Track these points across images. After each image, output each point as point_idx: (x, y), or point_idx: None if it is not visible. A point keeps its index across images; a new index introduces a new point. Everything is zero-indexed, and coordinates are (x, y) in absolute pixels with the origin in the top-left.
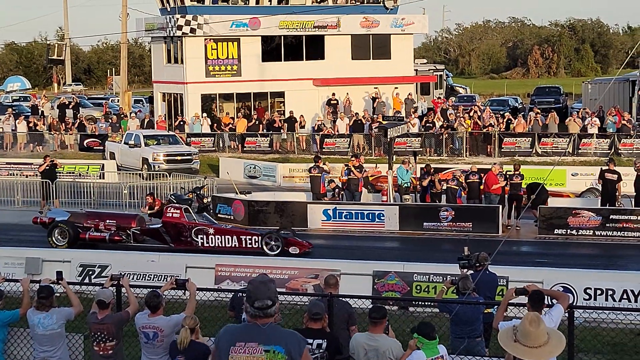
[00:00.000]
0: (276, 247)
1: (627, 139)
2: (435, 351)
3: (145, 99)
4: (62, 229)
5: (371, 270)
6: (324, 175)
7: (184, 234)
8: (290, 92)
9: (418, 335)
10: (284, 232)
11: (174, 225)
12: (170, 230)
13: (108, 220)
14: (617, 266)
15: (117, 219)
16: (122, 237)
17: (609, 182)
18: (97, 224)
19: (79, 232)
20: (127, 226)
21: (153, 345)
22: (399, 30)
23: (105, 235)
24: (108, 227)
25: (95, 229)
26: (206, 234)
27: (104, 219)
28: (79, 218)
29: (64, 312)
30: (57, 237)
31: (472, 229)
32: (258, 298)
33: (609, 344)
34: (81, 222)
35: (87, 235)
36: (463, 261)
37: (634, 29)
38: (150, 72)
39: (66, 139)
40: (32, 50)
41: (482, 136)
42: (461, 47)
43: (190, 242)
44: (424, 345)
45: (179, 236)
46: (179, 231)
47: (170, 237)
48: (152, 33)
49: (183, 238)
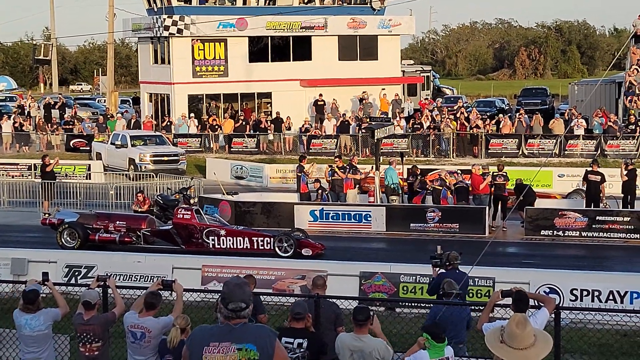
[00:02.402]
0: (289, 248)
1: (613, 140)
2: (441, 353)
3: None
4: (72, 231)
5: (358, 271)
6: (303, 175)
7: (195, 236)
8: (277, 93)
9: (427, 335)
10: (297, 234)
11: (185, 227)
12: (181, 231)
13: (118, 222)
14: (603, 267)
15: (127, 220)
16: (133, 238)
17: (592, 183)
18: (107, 225)
19: (88, 234)
20: (137, 227)
21: (140, 346)
22: (386, 31)
23: (115, 237)
24: (118, 228)
25: (105, 230)
26: (217, 235)
27: (113, 220)
28: (89, 219)
29: (51, 313)
30: (67, 238)
31: (459, 230)
32: (232, 300)
33: (595, 345)
34: (91, 224)
35: (96, 237)
36: (435, 260)
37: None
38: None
39: (52, 139)
40: (18, 50)
41: (469, 137)
42: (448, 48)
43: (201, 244)
44: (431, 346)
45: (190, 237)
46: (190, 232)
47: (181, 239)
48: (138, 33)
49: (194, 239)
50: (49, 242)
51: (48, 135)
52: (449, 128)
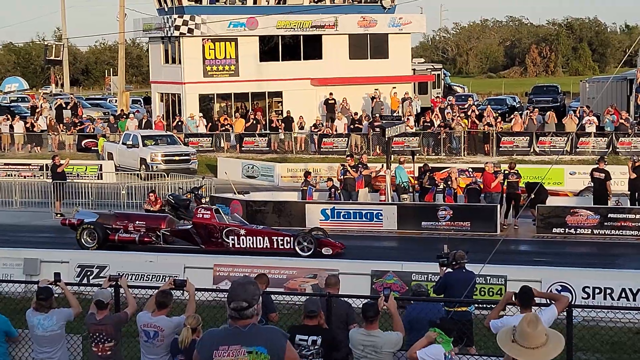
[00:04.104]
0: (308, 248)
1: (624, 137)
2: (450, 347)
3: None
4: (91, 231)
5: (369, 269)
6: (310, 189)
7: (215, 235)
8: (288, 92)
9: (440, 330)
10: (317, 233)
11: (205, 226)
12: (201, 231)
13: (137, 222)
14: (615, 265)
15: (147, 220)
16: (152, 238)
17: (597, 180)
18: (126, 225)
19: (108, 234)
20: (156, 227)
21: (153, 345)
22: (396, 29)
23: (134, 237)
24: (137, 228)
25: (125, 230)
26: (237, 235)
27: (133, 220)
28: (108, 219)
29: (63, 313)
30: (86, 238)
31: (470, 228)
32: (234, 299)
33: (608, 343)
34: (110, 224)
35: (116, 237)
36: (442, 259)
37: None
38: (148, 73)
39: (65, 139)
40: (29, 50)
41: (480, 135)
42: (459, 47)
43: (221, 243)
44: (443, 341)
45: (209, 237)
46: (209, 232)
47: (201, 238)
48: (149, 33)
49: (214, 239)
50: (61, 242)
51: (60, 135)
52: (460, 126)
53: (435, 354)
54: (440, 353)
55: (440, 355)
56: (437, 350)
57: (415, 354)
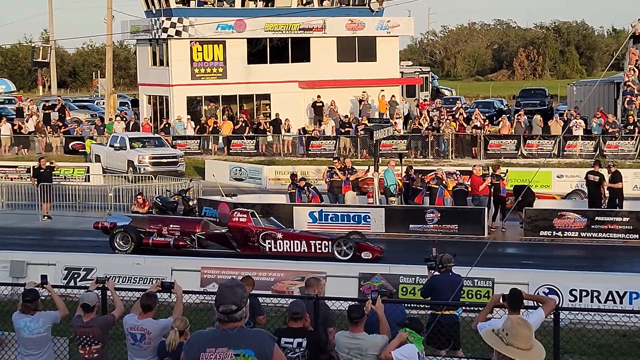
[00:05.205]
0: (348, 251)
1: (612, 140)
2: (420, 346)
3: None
4: (125, 235)
5: (357, 272)
6: (298, 191)
7: (251, 239)
8: (276, 95)
9: (410, 330)
10: (355, 237)
11: (241, 230)
12: (237, 235)
13: (171, 225)
14: (602, 268)
15: (181, 223)
16: (187, 242)
17: (591, 183)
18: (160, 229)
19: (141, 238)
20: (191, 231)
21: (140, 348)
22: (384, 32)
23: (169, 240)
24: (172, 232)
25: (159, 234)
26: (274, 238)
27: (167, 223)
28: (141, 223)
29: (50, 316)
30: (120, 242)
31: (458, 231)
32: (223, 302)
33: (595, 346)
34: (144, 227)
35: (150, 241)
36: (430, 262)
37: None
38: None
39: (52, 141)
40: (17, 52)
41: (468, 138)
42: (447, 50)
43: (257, 247)
44: (415, 339)
45: (245, 241)
46: (246, 236)
47: (237, 242)
48: (137, 35)
49: (250, 243)
50: (48, 245)
51: (47, 137)
52: (448, 129)
53: (410, 352)
54: (414, 352)
55: (414, 354)
56: (411, 349)
57: (390, 355)
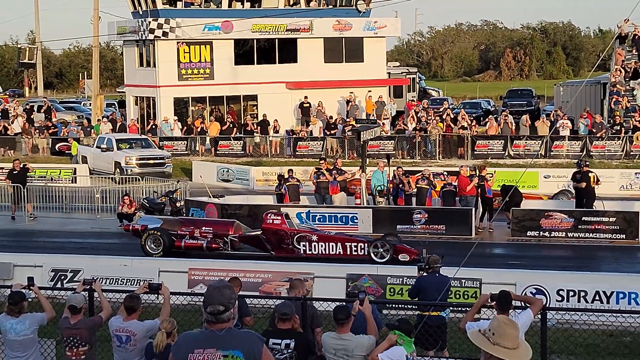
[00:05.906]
0: (385, 254)
1: (598, 141)
2: (411, 348)
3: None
4: (156, 237)
5: (345, 273)
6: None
7: (286, 241)
8: (263, 96)
9: (399, 332)
10: (391, 239)
11: (275, 232)
12: (271, 237)
13: (204, 227)
14: (589, 268)
15: (214, 225)
16: (220, 244)
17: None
18: (193, 232)
19: (173, 240)
20: (224, 233)
21: (125, 350)
22: (371, 33)
23: (202, 243)
24: (204, 234)
25: (191, 236)
26: (309, 241)
27: (199, 226)
28: (173, 225)
29: (36, 318)
30: (151, 245)
31: (446, 232)
32: (210, 303)
33: (582, 345)
34: (175, 230)
35: (182, 243)
36: (420, 263)
37: (605, 32)
38: (122, 76)
39: (38, 142)
40: (2, 53)
41: (455, 139)
42: (434, 50)
43: (291, 250)
44: (404, 342)
45: (280, 243)
46: (280, 238)
47: (271, 245)
48: (124, 36)
49: (284, 245)
50: (34, 246)
51: (33, 138)
52: (435, 130)
53: (398, 355)
54: (403, 355)
55: (403, 356)
56: (399, 351)
57: (377, 357)
